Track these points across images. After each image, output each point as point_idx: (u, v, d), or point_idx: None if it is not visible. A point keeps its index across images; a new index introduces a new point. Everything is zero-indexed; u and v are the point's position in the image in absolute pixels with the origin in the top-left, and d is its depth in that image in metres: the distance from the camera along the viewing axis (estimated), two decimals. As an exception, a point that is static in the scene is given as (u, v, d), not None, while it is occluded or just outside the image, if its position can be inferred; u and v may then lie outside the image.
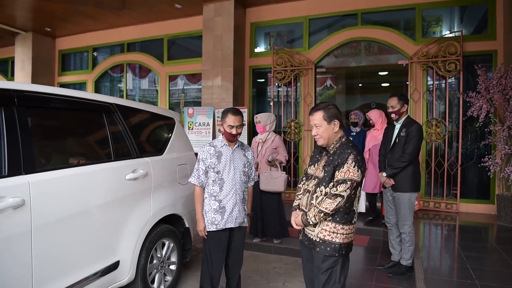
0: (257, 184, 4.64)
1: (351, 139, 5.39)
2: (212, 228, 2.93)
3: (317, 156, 2.48)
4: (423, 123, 6.19)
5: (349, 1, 6.79)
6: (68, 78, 9.96)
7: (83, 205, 2.55)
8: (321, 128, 2.34)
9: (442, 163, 6.12)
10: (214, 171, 2.92)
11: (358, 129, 5.57)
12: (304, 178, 2.52)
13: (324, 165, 2.33)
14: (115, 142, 3.01)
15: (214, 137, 7.11)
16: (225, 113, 2.95)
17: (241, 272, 3.22)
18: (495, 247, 4.42)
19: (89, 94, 2.95)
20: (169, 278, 3.50)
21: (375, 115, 5.16)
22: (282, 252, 4.72)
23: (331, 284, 2.29)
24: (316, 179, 2.35)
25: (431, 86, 6.29)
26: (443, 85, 6.28)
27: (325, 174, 2.29)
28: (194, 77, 8.59)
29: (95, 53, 9.73)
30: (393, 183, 3.69)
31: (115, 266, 2.82)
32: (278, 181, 4.56)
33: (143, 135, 3.55)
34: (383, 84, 10.32)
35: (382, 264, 4.00)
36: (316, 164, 2.43)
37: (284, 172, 4.64)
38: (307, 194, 2.40)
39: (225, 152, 2.95)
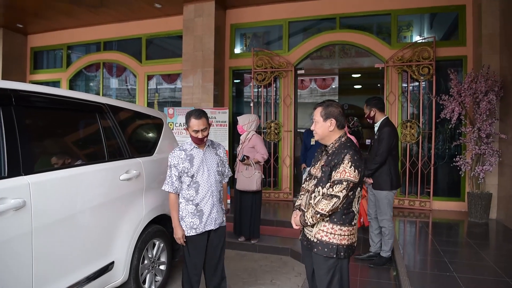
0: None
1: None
2: (192, 232, 2.86)
3: (319, 156, 2.46)
4: (398, 125, 6.46)
5: (328, 5, 6.97)
6: (41, 76, 9.65)
7: (80, 205, 2.55)
8: (317, 124, 2.35)
9: (416, 163, 6.40)
10: (188, 176, 2.83)
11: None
12: (307, 178, 2.51)
13: (322, 165, 2.32)
14: (109, 143, 3.01)
15: (195, 137, 7.11)
16: (187, 117, 2.81)
17: (229, 271, 3.20)
18: (468, 242, 4.69)
19: (83, 94, 2.92)
20: (159, 278, 3.52)
21: None
22: (266, 250, 4.82)
23: (334, 284, 2.27)
24: (315, 179, 2.35)
25: (406, 89, 6.57)
26: (417, 88, 6.57)
27: (323, 175, 2.28)
28: (169, 77, 8.56)
29: (69, 51, 9.48)
30: (371, 181, 3.94)
31: (110, 266, 2.82)
32: (251, 180, 4.61)
33: (134, 135, 3.55)
34: (360, 86, 10.64)
35: (360, 254, 4.25)
36: (317, 163, 2.42)
37: (258, 171, 4.65)
38: (307, 194, 2.42)
39: (196, 154, 2.87)
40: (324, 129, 2.33)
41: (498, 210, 5.66)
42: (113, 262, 2.85)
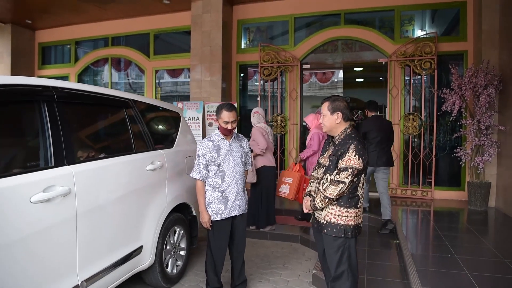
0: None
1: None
2: (217, 217, 3.07)
3: (327, 146, 2.73)
4: (401, 117, 6.70)
5: (333, 1, 7.16)
6: (49, 71, 9.83)
7: (114, 193, 2.79)
8: (325, 117, 2.61)
9: (418, 154, 6.64)
10: (215, 164, 3.05)
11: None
12: (316, 166, 2.78)
13: (330, 154, 2.57)
14: (135, 136, 3.23)
15: (204, 131, 7.34)
16: (219, 109, 3.06)
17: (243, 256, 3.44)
18: (468, 228, 4.96)
19: (111, 90, 3.14)
20: (179, 263, 3.75)
21: (309, 119, 5.43)
22: (277, 238, 5.05)
23: (343, 262, 2.53)
24: (324, 167, 2.61)
25: (408, 82, 6.78)
26: (419, 82, 6.78)
27: (330, 163, 2.53)
28: (174, 72, 8.77)
29: (77, 47, 9.65)
30: None
31: (139, 250, 3.06)
32: (252, 174, 4.83)
33: (156, 128, 3.79)
34: (362, 80, 10.85)
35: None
36: (325, 153, 2.68)
37: (252, 166, 4.80)
38: (316, 181, 2.68)
39: (223, 145, 3.09)
40: (332, 122, 2.58)
41: (497, 199, 5.91)
42: (141, 246, 3.08)
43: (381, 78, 8.56)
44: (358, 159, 2.41)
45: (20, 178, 2.06)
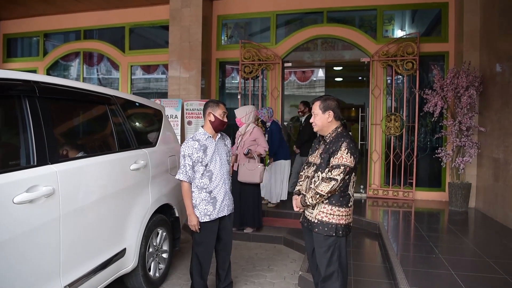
0: (236, 175, 4.80)
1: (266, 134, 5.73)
2: (206, 219, 2.95)
3: (316, 145, 2.72)
4: (383, 118, 6.71)
5: (315, -1, 7.09)
6: (15, 65, 9.23)
7: (98, 194, 2.61)
8: (317, 117, 2.58)
9: (399, 155, 6.65)
10: (202, 165, 2.92)
11: (268, 124, 5.82)
12: (305, 166, 2.74)
13: (321, 152, 2.56)
14: (119, 134, 3.04)
15: (182, 129, 7.10)
16: (215, 103, 3.02)
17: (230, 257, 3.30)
18: (449, 228, 4.99)
19: (93, 86, 2.96)
20: (162, 266, 3.58)
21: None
22: (260, 239, 4.93)
23: (334, 261, 2.49)
24: (315, 166, 2.59)
25: (391, 83, 6.80)
26: (401, 82, 6.81)
27: (322, 161, 2.52)
28: (149, 68, 8.48)
29: (45, 39, 9.15)
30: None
31: (122, 253, 2.87)
32: (254, 172, 4.68)
33: (139, 126, 3.59)
34: (346, 79, 10.90)
35: None
36: (315, 152, 2.67)
37: (262, 164, 4.74)
38: (307, 179, 2.63)
39: (209, 144, 2.97)
40: (323, 121, 2.57)
41: (477, 199, 5.99)
42: (125, 249, 2.90)
43: (362, 78, 8.58)
44: (350, 157, 2.40)
45: (2, 177, 1.87)
